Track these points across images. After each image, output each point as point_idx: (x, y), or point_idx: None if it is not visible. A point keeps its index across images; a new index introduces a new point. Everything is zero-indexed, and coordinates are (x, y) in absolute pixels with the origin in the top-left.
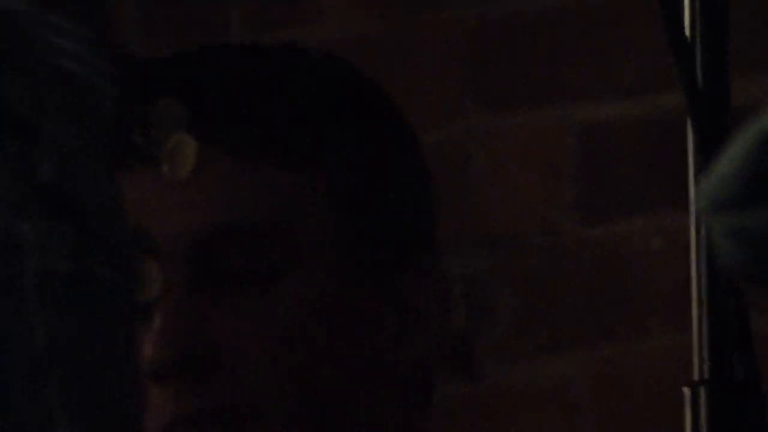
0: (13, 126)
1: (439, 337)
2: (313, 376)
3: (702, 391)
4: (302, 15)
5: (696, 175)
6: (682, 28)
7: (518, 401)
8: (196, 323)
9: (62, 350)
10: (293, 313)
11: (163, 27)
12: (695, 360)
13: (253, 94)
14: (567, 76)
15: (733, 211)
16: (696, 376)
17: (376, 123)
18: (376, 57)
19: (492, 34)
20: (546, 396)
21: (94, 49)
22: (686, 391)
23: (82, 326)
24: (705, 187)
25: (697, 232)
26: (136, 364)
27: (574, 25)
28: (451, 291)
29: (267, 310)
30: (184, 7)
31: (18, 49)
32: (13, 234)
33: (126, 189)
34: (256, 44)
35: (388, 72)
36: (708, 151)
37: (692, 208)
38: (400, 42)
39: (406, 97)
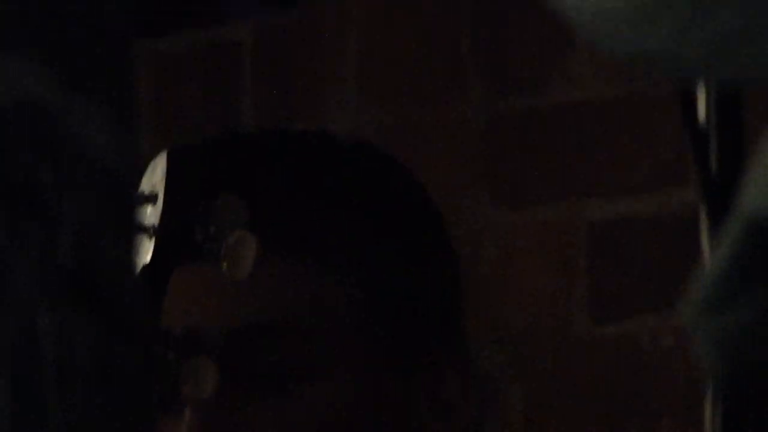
0: (34, 209)
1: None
2: None
3: None
4: (315, 107)
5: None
6: (697, 117)
7: None
8: (223, 426)
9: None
10: (317, 417)
11: (175, 114)
12: None
13: (297, 190)
14: (579, 172)
15: (710, 316)
16: None
17: (404, 214)
18: (389, 150)
19: (505, 130)
20: None
21: (119, 134)
22: None
23: (103, 420)
24: (690, 295)
25: None
26: None
27: (586, 122)
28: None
29: (292, 413)
30: (196, 94)
31: (41, 136)
32: (32, 324)
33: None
34: (286, 132)
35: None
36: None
37: None
38: (413, 136)
39: None
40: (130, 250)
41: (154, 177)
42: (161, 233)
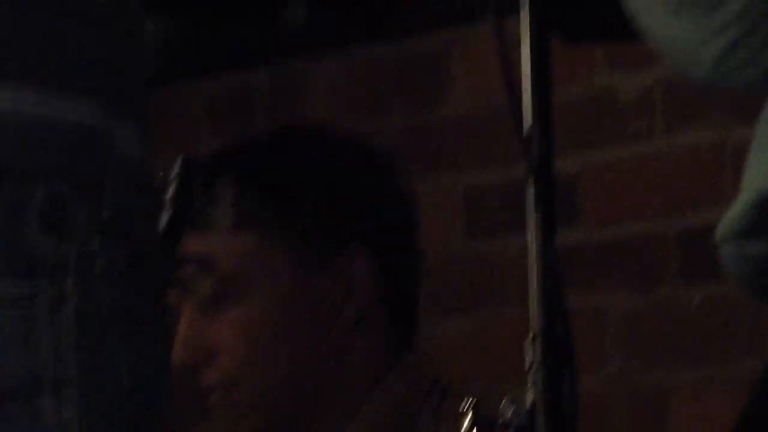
0: (88, 188)
1: (367, 297)
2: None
3: None
4: None
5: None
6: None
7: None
8: (197, 332)
9: (121, 316)
10: (257, 319)
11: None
12: None
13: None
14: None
15: (735, 242)
16: None
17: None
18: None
19: None
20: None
21: (143, 143)
22: None
23: (132, 300)
24: (719, 226)
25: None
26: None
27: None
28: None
29: (240, 320)
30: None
31: (96, 151)
32: (89, 247)
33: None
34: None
35: None
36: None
37: None
38: None
39: None
40: (152, 211)
41: (174, 170)
42: (174, 208)
